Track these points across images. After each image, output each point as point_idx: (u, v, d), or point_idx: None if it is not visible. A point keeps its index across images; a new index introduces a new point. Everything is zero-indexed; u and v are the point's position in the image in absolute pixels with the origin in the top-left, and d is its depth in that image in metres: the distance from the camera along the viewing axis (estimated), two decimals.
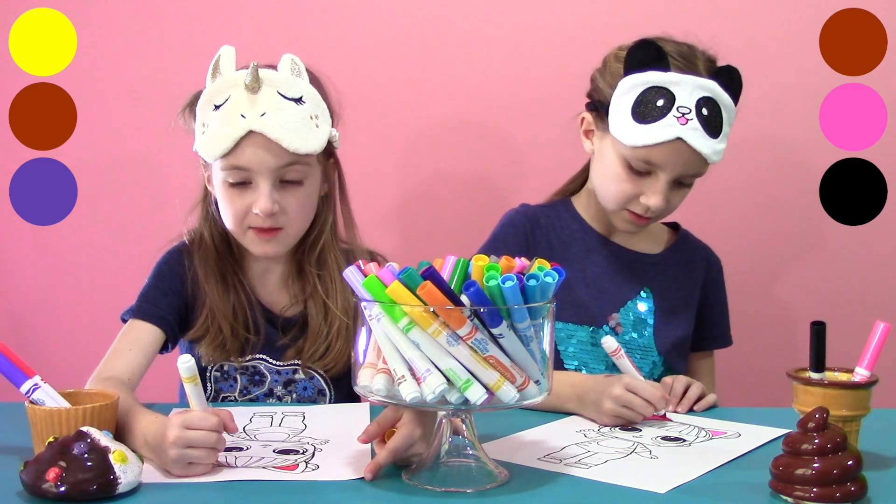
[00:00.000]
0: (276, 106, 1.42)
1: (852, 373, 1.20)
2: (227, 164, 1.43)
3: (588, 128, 1.62)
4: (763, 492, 1.09)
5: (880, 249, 1.99)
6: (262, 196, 1.43)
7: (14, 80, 1.99)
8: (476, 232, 1.73)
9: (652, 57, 1.49)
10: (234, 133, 1.41)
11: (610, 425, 1.37)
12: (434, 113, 2.02)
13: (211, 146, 1.43)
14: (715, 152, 1.51)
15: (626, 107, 1.51)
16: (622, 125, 1.51)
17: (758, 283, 2.00)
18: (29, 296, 2.11)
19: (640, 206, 1.55)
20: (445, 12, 2.01)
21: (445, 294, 1.03)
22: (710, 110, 1.49)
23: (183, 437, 1.10)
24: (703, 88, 1.49)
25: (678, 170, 1.52)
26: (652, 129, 1.48)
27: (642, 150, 1.50)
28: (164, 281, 1.53)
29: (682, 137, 1.48)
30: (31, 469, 1.04)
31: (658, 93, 1.49)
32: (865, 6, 1.90)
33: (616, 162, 1.55)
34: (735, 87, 1.53)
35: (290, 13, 2.01)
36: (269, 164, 1.42)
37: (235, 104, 1.41)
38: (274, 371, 1.55)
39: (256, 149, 1.41)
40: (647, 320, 1.64)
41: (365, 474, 1.12)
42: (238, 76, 1.43)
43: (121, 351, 1.44)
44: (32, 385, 1.18)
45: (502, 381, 1.05)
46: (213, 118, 1.43)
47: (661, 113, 1.48)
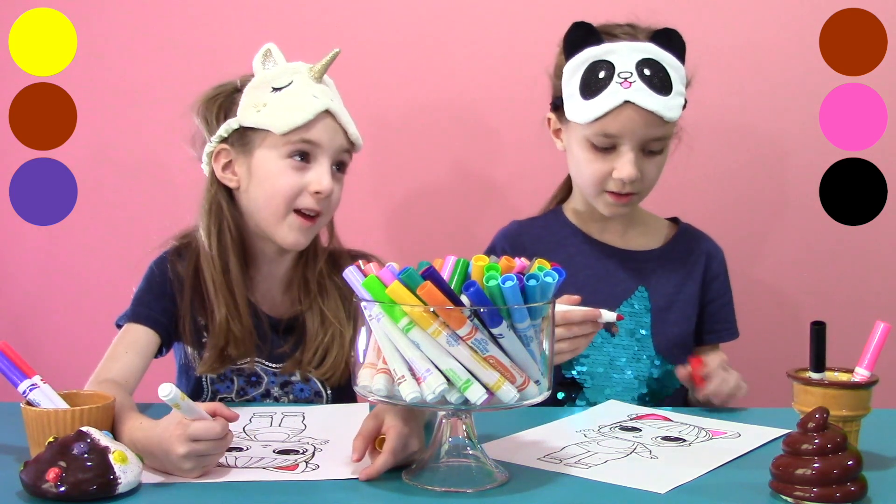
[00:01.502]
0: (337, 99, 1.53)
1: (852, 373, 1.20)
2: (299, 137, 1.46)
3: (555, 127, 1.65)
4: (763, 492, 1.09)
5: (880, 249, 1.99)
6: (325, 174, 1.47)
7: (14, 80, 1.99)
8: (477, 232, 1.73)
9: (583, 35, 1.55)
10: (312, 108, 1.47)
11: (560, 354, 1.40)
12: (434, 112, 2.02)
13: (285, 116, 1.46)
14: (668, 108, 1.52)
15: (574, 89, 1.55)
16: (575, 107, 1.55)
17: (757, 284, 1.99)
18: (29, 296, 2.11)
19: (616, 182, 1.56)
20: (445, 12, 2.01)
21: (445, 294, 1.03)
22: (651, 69, 1.52)
23: (194, 450, 1.10)
24: (641, 51, 1.53)
25: (638, 134, 1.53)
26: (599, 101, 1.52)
27: (597, 123, 1.53)
28: (156, 285, 1.53)
29: (629, 99, 1.50)
30: (31, 469, 1.05)
31: (598, 66, 1.53)
32: (865, 6, 1.90)
33: (581, 145, 1.57)
34: (676, 46, 1.56)
35: (290, 13, 2.01)
36: (337, 142, 1.50)
37: (304, 87, 1.49)
38: (271, 373, 1.55)
39: (328, 127, 1.49)
40: (644, 319, 1.64)
41: (360, 476, 1.12)
42: (296, 65, 1.51)
43: (117, 354, 1.44)
44: (30, 385, 1.18)
45: (502, 381, 1.05)
46: (276, 98, 1.48)
47: (604, 83, 1.52)
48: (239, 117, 1.49)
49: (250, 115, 1.48)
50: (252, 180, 1.50)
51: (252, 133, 1.49)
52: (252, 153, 1.49)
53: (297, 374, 1.55)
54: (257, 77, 1.51)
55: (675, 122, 1.56)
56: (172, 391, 1.08)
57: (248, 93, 1.50)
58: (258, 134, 1.48)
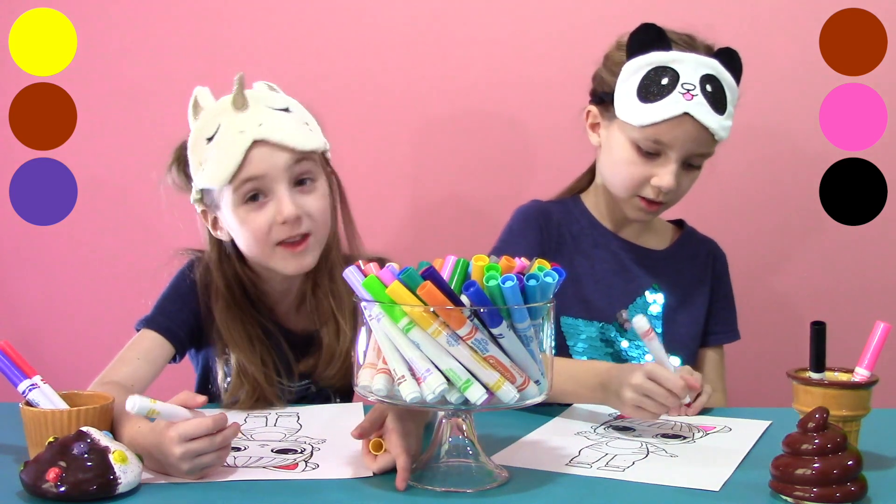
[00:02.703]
0: (269, 115, 1.43)
1: (852, 373, 1.20)
2: (240, 181, 1.41)
3: (594, 121, 1.63)
4: (763, 492, 1.09)
5: (880, 249, 1.99)
6: (283, 200, 1.42)
7: (14, 80, 1.99)
8: (488, 229, 1.73)
9: (653, 38, 1.52)
10: (238, 149, 1.40)
11: (633, 417, 1.35)
12: (443, 108, 2.01)
13: (219, 170, 1.41)
14: (722, 128, 1.52)
15: (632, 89, 1.52)
16: (629, 107, 1.52)
17: (757, 284, 1.99)
18: (29, 296, 2.11)
19: (652, 189, 1.55)
20: (455, 6, 2.00)
21: (445, 294, 1.03)
22: (713, 87, 1.51)
23: (190, 450, 1.09)
24: (706, 66, 1.51)
25: (687, 147, 1.52)
26: (658, 107, 1.49)
27: (650, 128, 1.51)
28: (181, 295, 1.51)
29: (689, 112, 1.49)
30: (31, 469, 1.04)
31: (662, 71, 1.51)
32: (865, 6, 1.90)
33: (625, 146, 1.55)
34: (736, 68, 1.55)
35: (291, 13, 2.01)
36: (280, 164, 1.42)
37: (229, 127, 1.42)
38: (287, 391, 1.53)
39: (263, 156, 1.41)
40: (657, 316, 1.64)
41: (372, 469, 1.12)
42: (221, 102, 1.45)
43: (128, 359, 1.43)
44: (29, 385, 1.18)
45: (502, 381, 1.05)
46: (210, 149, 1.42)
47: (666, 90, 1.49)
48: (193, 179, 1.47)
49: (198, 175, 1.45)
50: (231, 232, 1.48)
51: (208, 191, 1.46)
52: (220, 208, 1.47)
53: (312, 388, 1.54)
54: (193, 131, 1.47)
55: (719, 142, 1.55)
56: (137, 404, 1.06)
57: (190, 152, 1.47)
58: (213, 191, 1.45)
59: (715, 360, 1.72)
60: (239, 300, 1.52)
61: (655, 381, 1.30)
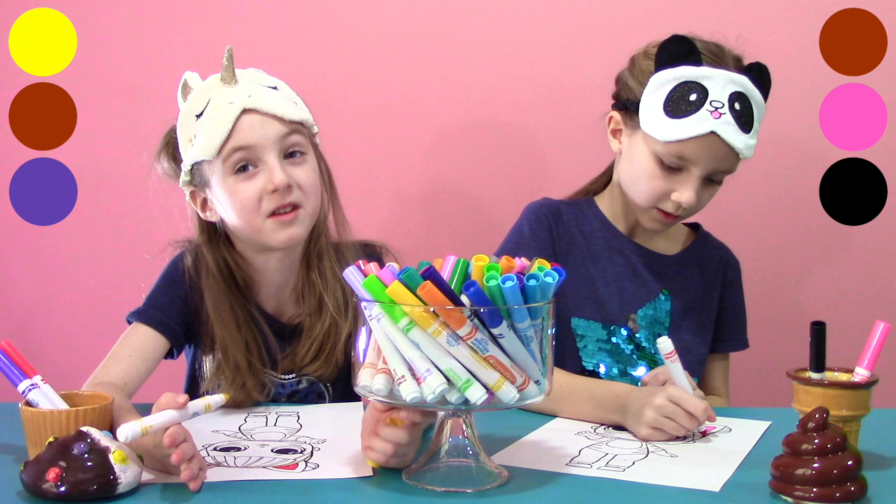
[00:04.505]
0: (258, 89, 1.45)
1: (852, 373, 1.20)
2: (229, 150, 1.42)
3: (616, 127, 1.61)
4: (763, 492, 1.09)
5: (880, 249, 1.99)
6: (274, 169, 1.42)
7: (14, 80, 1.99)
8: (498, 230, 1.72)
9: (684, 52, 1.49)
10: (228, 117, 1.41)
11: (649, 439, 1.31)
12: (454, 112, 2.01)
13: (208, 140, 1.42)
14: (747, 147, 1.50)
15: (659, 102, 1.50)
16: (655, 121, 1.50)
17: (756, 284, 1.99)
18: (29, 296, 2.11)
19: (671, 203, 1.54)
20: (467, 9, 2.00)
21: (445, 294, 1.03)
22: (742, 105, 1.48)
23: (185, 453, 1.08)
24: (736, 83, 1.48)
25: (711, 165, 1.51)
26: (685, 124, 1.47)
27: (675, 144, 1.49)
28: (173, 286, 1.51)
29: (716, 131, 1.47)
30: (31, 469, 1.05)
31: (691, 87, 1.48)
32: (865, 6, 1.90)
33: (648, 159, 1.53)
34: (765, 84, 1.53)
35: (293, 12, 2.01)
36: (269, 134, 1.42)
37: (218, 99, 1.43)
38: (278, 384, 1.53)
39: (254, 124, 1.42)
40: (664, 322, 1.63)
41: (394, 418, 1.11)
42: (210, 80, 1.47)
43: (120, 356, 1.42)
44: (29, 385, 1.18)
45: (502, 381, 1.05)
46: (200, 124, 1.43)
47: (694, 107, 1.47)
48: (183, 158, 1.48)
49: (188, 152, 1.46)
50: (222, 209, 1.48)
51: (198, 167, 1.46)
52: (210, 185, 1.46)
53: (303, 382, 1.54)
54: (182, 111, 1.48)
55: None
56: (129, 433, 1.04)
57: (179, 131, 1.48)
58: (203, 165, 1.45)
59: (720, 366, 1.71)
60: (228, 283, 1.52)
61: (676, 404, 1.30)
